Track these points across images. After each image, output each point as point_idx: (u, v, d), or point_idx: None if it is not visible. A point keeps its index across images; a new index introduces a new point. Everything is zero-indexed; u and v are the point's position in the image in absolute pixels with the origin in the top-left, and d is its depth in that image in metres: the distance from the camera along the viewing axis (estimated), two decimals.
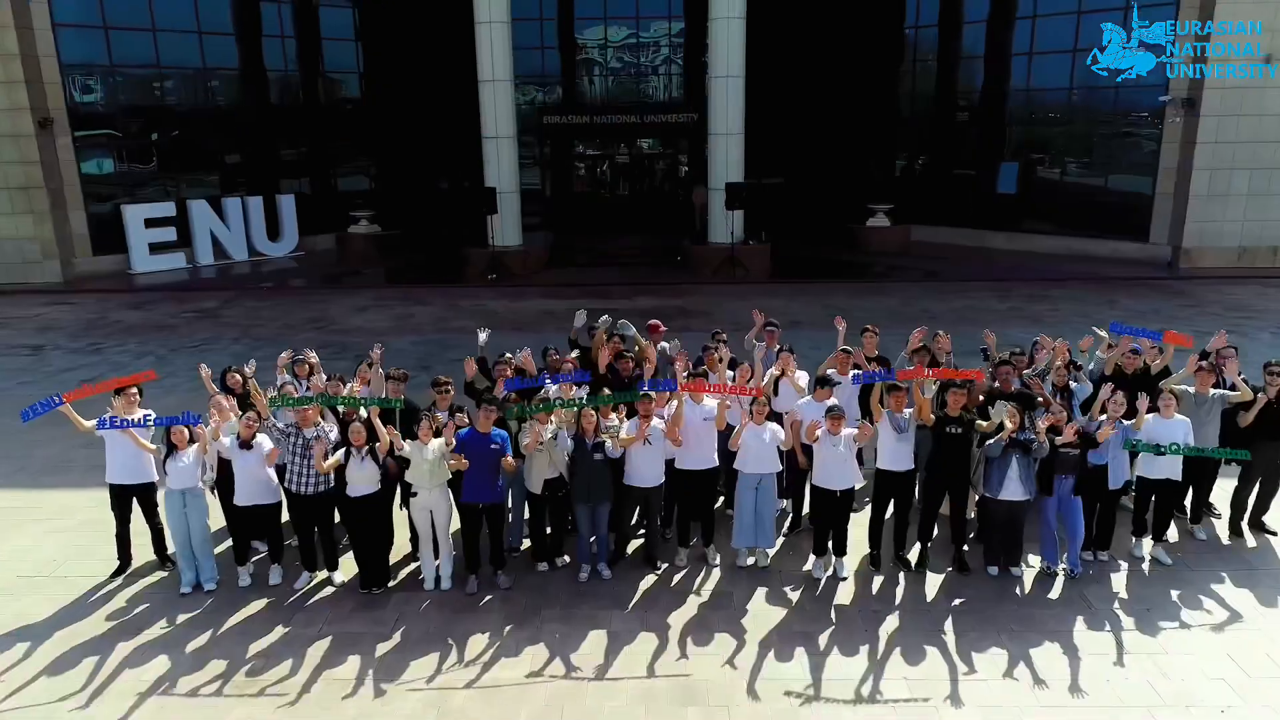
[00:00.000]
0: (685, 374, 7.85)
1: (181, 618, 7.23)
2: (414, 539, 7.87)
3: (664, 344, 9.39)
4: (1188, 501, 8.38)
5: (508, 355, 8.53)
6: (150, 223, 23.21)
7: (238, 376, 8.40)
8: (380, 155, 28.28)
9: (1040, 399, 7.77)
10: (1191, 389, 7.96)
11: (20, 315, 18.76)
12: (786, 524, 8.56)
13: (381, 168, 28.35)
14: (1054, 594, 7.40)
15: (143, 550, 8.04)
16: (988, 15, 24.91)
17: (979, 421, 7.42)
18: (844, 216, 26.60)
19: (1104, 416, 7.42)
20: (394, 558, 7.86)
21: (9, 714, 6.13)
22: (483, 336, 9.22)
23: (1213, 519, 8.52)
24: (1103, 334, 8.95)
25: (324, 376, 8.35)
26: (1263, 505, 8.28)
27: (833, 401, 7.68)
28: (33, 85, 21.14)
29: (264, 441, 7.31)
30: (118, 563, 7.91)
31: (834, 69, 27.17)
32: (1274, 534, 8.24)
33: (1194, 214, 21.49)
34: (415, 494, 7.35)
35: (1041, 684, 6.25)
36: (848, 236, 26.15)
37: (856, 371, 8.16)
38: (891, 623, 7.03)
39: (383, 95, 27.69)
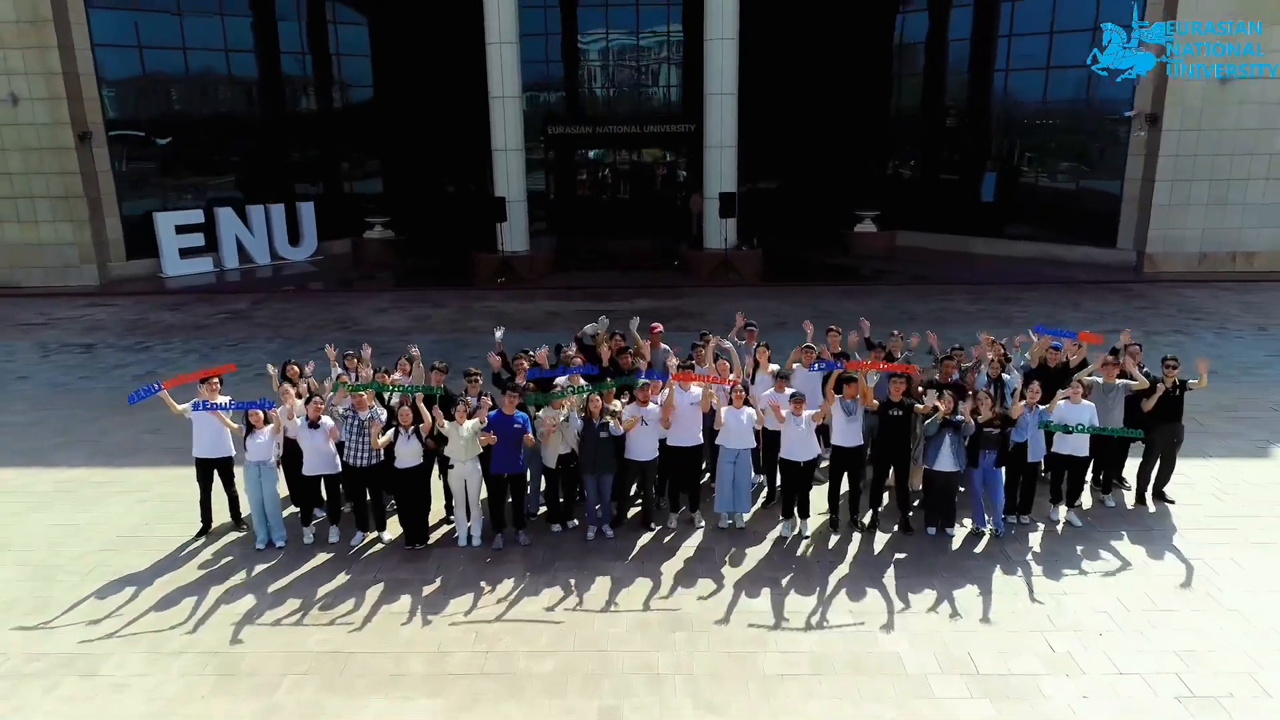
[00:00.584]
0: (676, 365, 9.40)
1: (259, 568, 8.77)
2: (449, 504, 9.40)
3: (665, 346, 10.85)
4: (1102, 475, 9.91)
5: (527, 350, 10.04)
6: (180, 229, 24.76)
7: (296, 368, 9.93)
8: (393, 164, 29.81)
9: (970, 389, 9.27)
10: (1100, 379, 9.47)
11: (66, 316, 20.30)
12: (762, 496, 10.08)
13: (394, 175, 29.85)
14: (979, 549, 8.93)
15: (219, 515, 9.57)
16: (970, 33, 26.38)
17: (917, 405, 8.95)
18: (834, 222, 28.14)
19: (1023, 401, 8.94)
20: (432, 520, 9.39)
21: (132, 638, 7.66)
22: (498, 333, 10.75)
23: (1123, 490, 10.03)
24: (1032, 335, 10.45)
25: (371, 370, 9.87)
26: (1163, 478, 9.79)
27: (793, 390, 9.19)
28: (73, 101, 22.67)
29: (327, 421, 8.85)
30: (200, 525, 9.43)
31: (825, 82, 28.67)
32: (1172, 502, 9.75)
33: (1157, 222, 22.98)
34: (452, 466, 8.87)
35: (957, 616, 7.78)
36: (837, 240, 27.67)
37: (812, 364, 9.68)
38: (842, 570, 8.57)
39: (395, 108, 29.20)
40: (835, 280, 23.40)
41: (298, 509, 9.40)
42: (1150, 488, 9.78)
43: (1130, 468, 10.07)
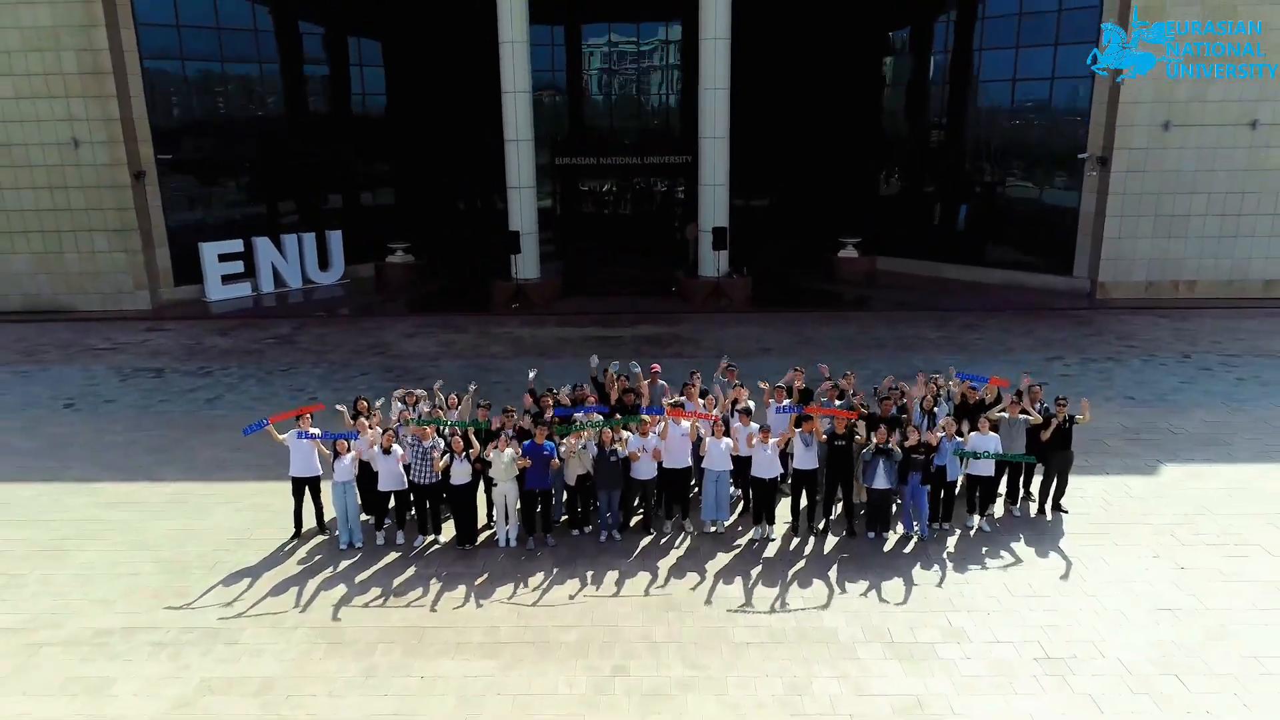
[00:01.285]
0: (670, 402, 11.88)
1: (344, 564, 11.23)
2: (490, 513, 11.86)
3: (661, 383, 13.31)
4: (1013, 490, 12.37)
5: (552, 389, 12.51)
6: (222, 257, 27.24)
7: (365, 402, 12.38)
8: (414, 194, 32.27)
9: (901, 428, 11.69)
10: (1005, 415, 11.92)
11: (129, 341, 22.77)
12: (739, 507, 12.53)
13: (415, 204, 32.29)
14: (907, 550, 11.39)
15: (307, 521, 12.02)
16: (946, 78, 28.80)
17: (857, 437, 11.41)
18: (820, 247, 30.64)
19: (942, 433, 11.41)
20: (479, 526, 11.84)
21: (257, 616, 10.12)
22: (532, 375, 13.20)
23: (1029, 502, 12.47)
24: (955, 380, 12.88)
25: (428, 407, 12.33)
26: (1059, 492, 12.22)
27: (757, 425, 11.62)
28: (129, 143, 25.14)
29: (398, 449, 11.31)
30: (293, 529, 11.89)
31: (813, 118, 31.17)
32: (1066, 512, 12.20)
33: (1108, 252, 25.45)
34: (495, 484, 11.33)
35: (884, 600, 10.24)
36: (823, 265, 30.17)
37: (781, 404, 12.11)
38: (799, 565, 11.03)
39: (417, 145, 31.72)
40: (817, 307, 25.82)
41: (371, 517, 11.86)
42: (1049, 500, 12.23)
43: (1036, 484, 12.54)
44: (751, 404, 12.54)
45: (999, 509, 12.28)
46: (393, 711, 8.58)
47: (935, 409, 12.39)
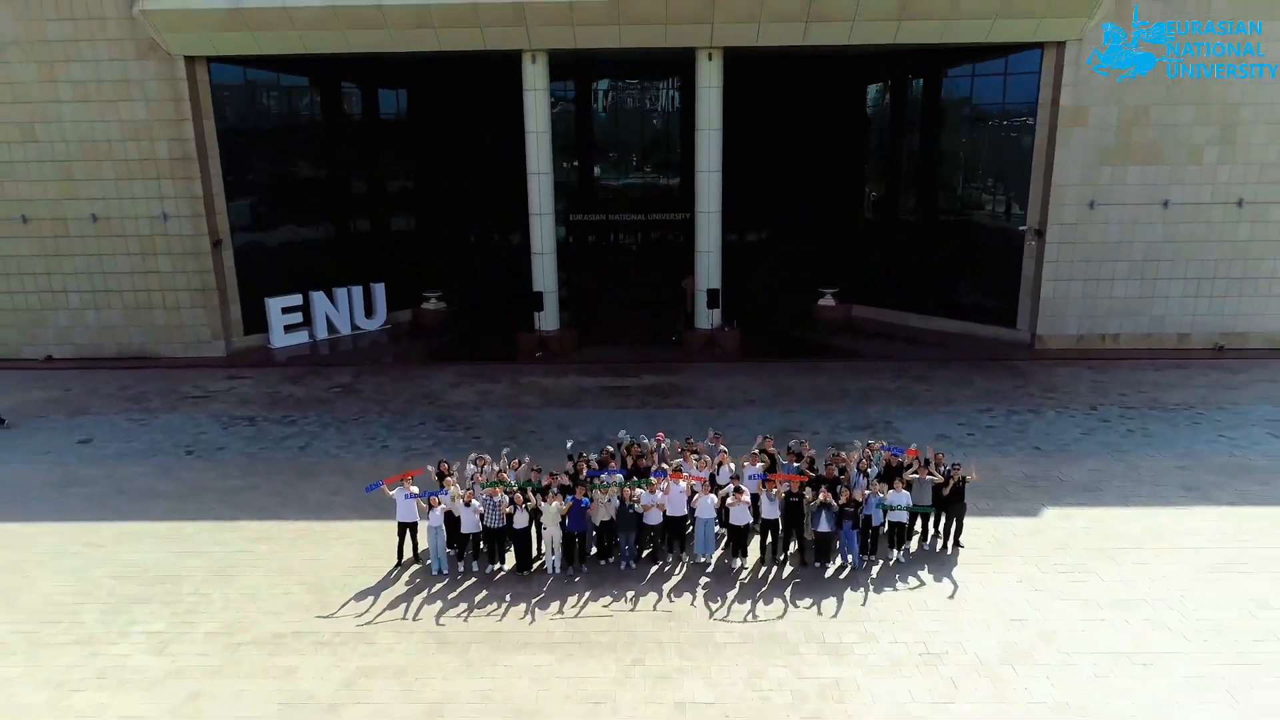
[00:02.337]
0: (672, 466, 16.28)
1: (438, 585, 15.60)
2: (539, 548, 16.21)
3: (664, 445, 17.70)
4: (924, 531, 16.74)
5: (584, 454, 16.90)
6: (284, 310, 31.66)
7: (445, 464, 16.73)
8: (446, 249, 36.66)
9: (842, 487, 16.06)
10: (916, 476, 16.30)
11: (217, 389, 27.15)
12: (722, 545, 16.87)
13: (447, 258, 36.67)
14: (843, 576, 15.77)
15: (405, 553, 16.40)
16: (912, 155, 33.23)
17: (807, 492, 15.80)
18: (802, 296, 35.05)
19: (868, 491, 15.80)
20: (532, 556, 16.22)
21: (385, 623, 14.48)
22: (569, 445, 17.62)
23: (937, 540, 16.83)
24: (883, 450, 17.27)
25: (495, 467, 16.71)
26: (958, 532, 16.56)
27: (733, 486, 16.00)
28: (209, 218, 29.52)
29: (476, 504, 15.69)
30: (397, 559, 16.26)
31: (796, 187, 35.55)
32: (962, 547, 16.56)
33: (1044, 311, 29.85)
34: (545, 528, 15.71)
35: (821, 614, 14.62)
36: (804, 312, 34.58)
37: (755, 468, 16.49)
38: (763, 588, 15.41)
39: (450, 207, 36.09)
40: (796, 356, 30.16)
41: (453, 550, 16.22)
42: (950, 539, 16.60)
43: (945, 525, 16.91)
44: (732, 466, 16.93)
45: (914, 545, 16.66)
46: (488, 689, 12.93)
47: (869, 469, 16.79)
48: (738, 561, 16.13)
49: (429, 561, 16.07)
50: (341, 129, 33.29)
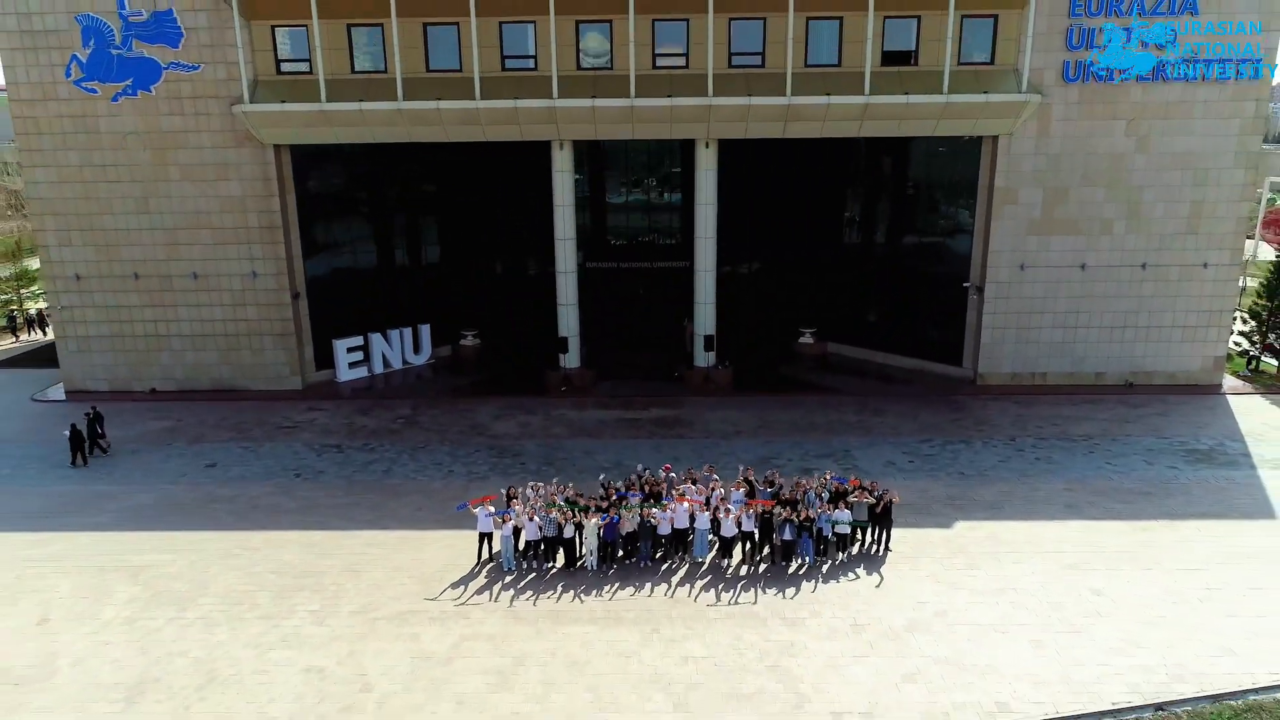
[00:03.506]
0: (678, 490, 22.36)
1: (508, 579, 21.62)
2: (582, 551, 22.22)
3: (671, 475, 23.74)
4: (863, 540, 22.77)
5: (612, 483, 22.97)
6: (348, 349, 37.67)
7: (513, 489, 22.76)
8: (482, 294, 42.52)
9: (801, 507, 22.09)
10: (855, 499, 22.32)
11: (302, 420, 33.12)
12: (714, 549, 22.86)
13: (482, 302, 42.53)
14: (802, 572, 21.81)
15: (483, 555, 22.41)
16: (878, 222, 39.32)
17: (776, 511, 21.84)
18: (784, 335, 41.07)
19: (821, 510, 21.84)
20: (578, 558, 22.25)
21: (473, 605, 20.49)
22: (602, 477, 23.66)
23: (873, 545, 22.84)
24: (830, 477, 23.32)
25: (548, 489, 22.76)
26: (886, 540, 22.56)
27: (723, 507, 22.07)
28: (290, 275, 35.51)
29: (537, 520, 21.73)
30: (477, 559, 22.29)
31: (781, 241, 41.49)
32: (891, 550, 22.56)
33: (984, 353, 35.90)
34: (585, 536, 21.76)
35: (784, 598, 20.66)
36: (787, 349, 40.63)
37: (739, 491, 22.54)
38: (742, 580, 21.45)
39: (487, 261, 42.07)
40: (778, 392, 36.18)
41: (520, 553, 22.22)
42: (881, 546, 22.62)
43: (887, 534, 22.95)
44: (722, 490, 22.99)
45: (855, 550, 22.70)
46: (552, 649, 18.89)
47: (824, 492, 22.84)
48: (725, 561, 22.16)
49: (501, 561, 22.08)
50: (395, 199, 39.34)
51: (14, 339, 47.47)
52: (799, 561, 22.13)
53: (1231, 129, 33.27)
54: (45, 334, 47.21)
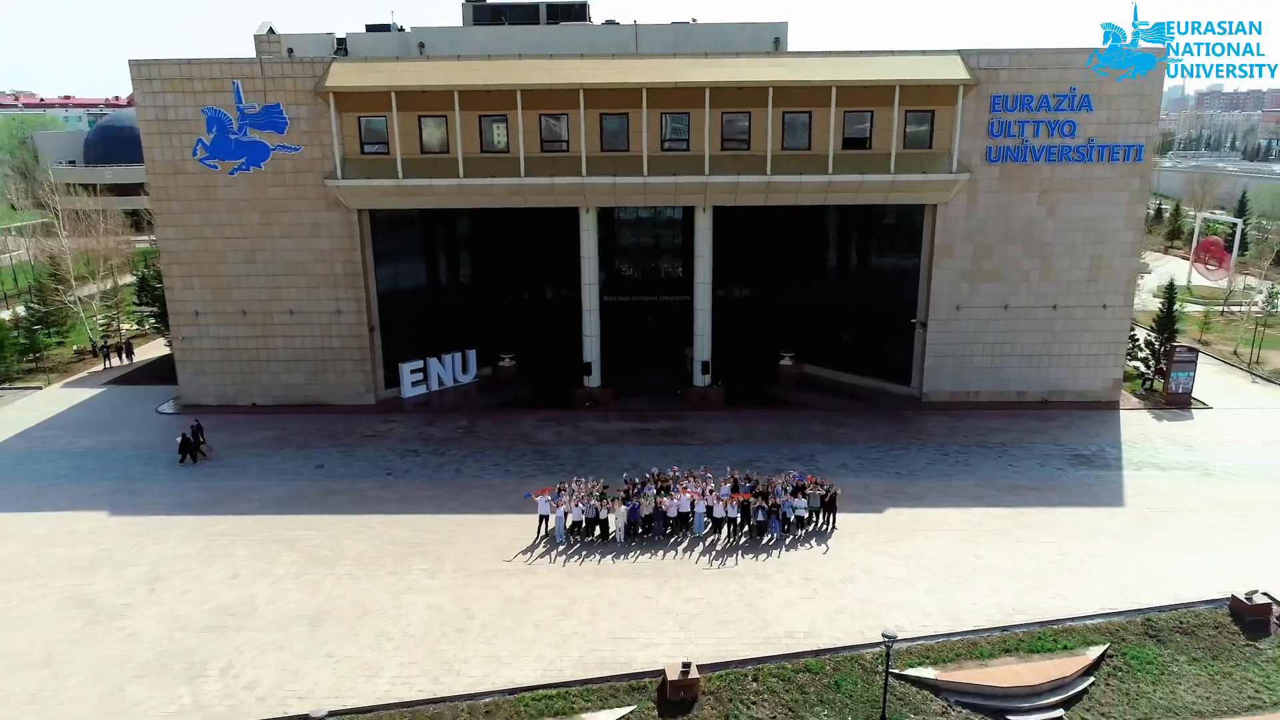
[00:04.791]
0: (682, 484, 30.92)
1: (561, 548, 30.11)
2: (612, 526, 30.73)
3: (677, 473, 32.27)
4: (815, 520, 31.28)
5: (636, 480, 31.54)
6: (411, 371, 46.20)
7: (563, 484, 31.30)
8: (517, 324, 51.03)
9: (770, 497, 30.61)
10: (810, 492, 30.82)
11: (381, 430, 41.60)
12: (708, 527, 31.36)
13: (519, 331, 51.02)
14: (770, 544, 30.32)
15: (542, 532, 30.94)
16: (845, 263, 47.86)
17: (753, 501, 30.35)
18: (767, 358, 49.60)
19: (783, 499, 30.37)
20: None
21: (536, 564, 28.99)
22: (625, 475, 32.22)
23: (824, 525, 31.30)
24: (793, 476, 31.86)
25: (589, 484, 31.31)
26: (833, 521, 31.06)
27: (714, 497, 30.63)
28: (367, 313, 43.97)
29: (580, 506, 30.24)
30: (537, 534, 30.78)
31: (766, 278, 50.03)
32: (836, 529, 31.06)
33: (928, 376, 44.44)
34: (615, 518, 30.27)
35: (758, 561, 29.19)
36: (770, 369, 49.16)
37: (726, 486, 31.07)
38: (729, 549, 29.97)
39: (521, 297, 50.58)
40: (762, 407, 44.71)
41: (568, 530, 30.70)
42: (830, 525, 31.12)
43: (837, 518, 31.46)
44: (713, 484, 31.53)
45: (813, 528, 31.19)
46: (595, 595, 27.32)
47: (788, 486, 31.35)
48: (716, 536, 30.67)
49: (555, 535, 30.57)
50: (447, 250, 47.85)
51: (104, 365, 53.08)
52: (769, 536, 30.61)
53: (1122, 199, 41.83)
54: (127, 360, 53.82)
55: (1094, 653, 24.72)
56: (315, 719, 21.21)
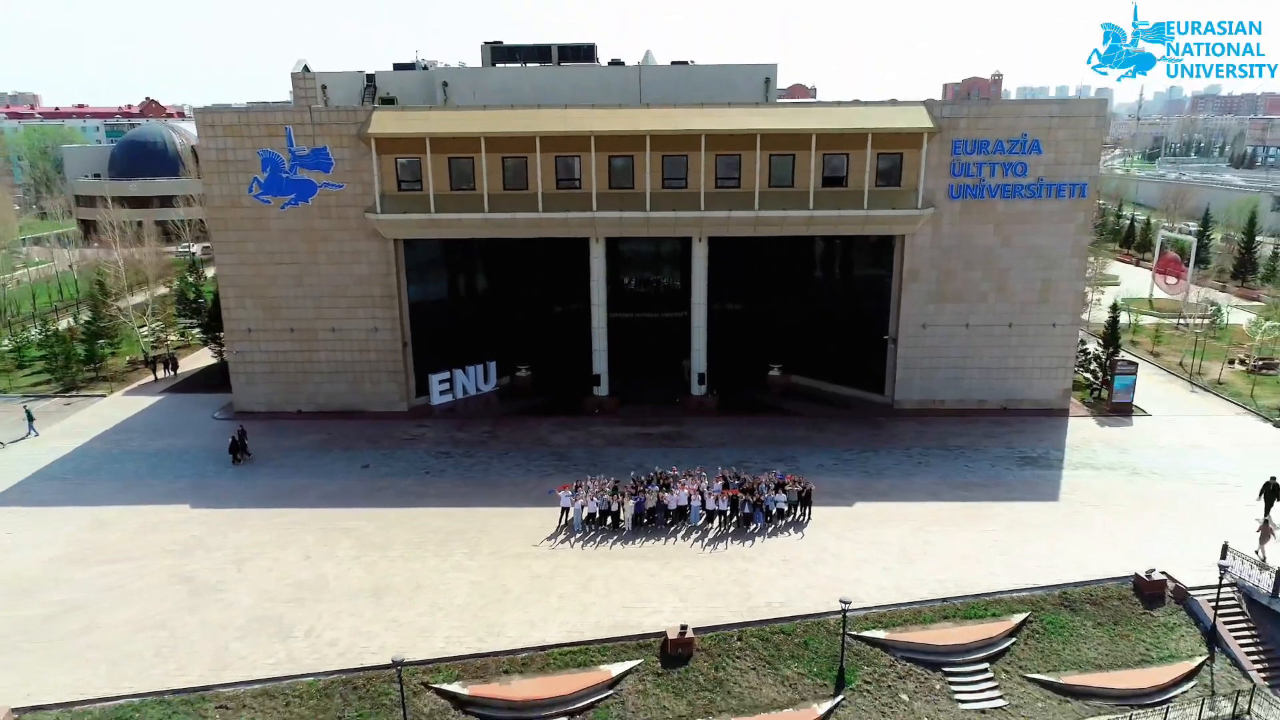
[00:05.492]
0: (682, 481, 36.53)
1: (578, 535, 35.69)
2: (623, 518, 36.32)
3: (676, 473, 37.84)
4: (794, 512, 36.85)
5: (642, 478, 37.16)
6: (439, 381, 51.77)
7: (580, 481, 36.87)
8: (533, 339, 56.58)
9: (755, 493, 36.18)
10: (789, 487, 36.38)
11: (417, 434, 47.15)
12: (702, 519, 36.91)
13: (534, 344, 56.56)
14: (754, 532, 35.89)
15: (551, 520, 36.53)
16: (825, 283, 53.45)
17: (741, 495, 35.94)
18: (757, 368, 55.18)
19: (766, 494, 35.97)
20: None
21: (560, 547, 34.56)
22: (632, 474, 37.84)
23: (800, 516, 36.85)
24: (775, 474, 37.45)
25: (602, 481, 36.91)
26: (809, 513, 36.66)
27: (708, 492, 36.25)
28: (400, 330, 49.50)
29: (596, 500, 35.83)
30: (559, 523, 36.33)
31: (757, 297, 55.61)
32: (811, 519, 36.60)
33: (899, 386, 50.02)
34: (624, 510, 35.85)
35: (746, 545, 34.77)
36: (760, 379, 54.73)
37: (718, 483, 36.67)
38: (720, 536, 35.55)
39: (537, 314, 56.18)
40: (752, 414, 50.29)
41: (585, 520, 36.26)
42: (807, 515, 36.68)
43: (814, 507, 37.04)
44: (707, 481, 37.11)
45: (791, 519, 36.75)
46: (609, 573, 32.86)
47: (771, 483, 36.92)
48: (709, 525, 36.25)
49: (573, 524, 36.13)
50: (470, 273, 53.41)
51: (153, 377, 58.06)
52: (753, 526, 36.18)
53: (1069, 230, 47.42)
54: (172, 372, 58.44)
55: (1017, 618, 30.32)
56: (396, 662, 26.75)
